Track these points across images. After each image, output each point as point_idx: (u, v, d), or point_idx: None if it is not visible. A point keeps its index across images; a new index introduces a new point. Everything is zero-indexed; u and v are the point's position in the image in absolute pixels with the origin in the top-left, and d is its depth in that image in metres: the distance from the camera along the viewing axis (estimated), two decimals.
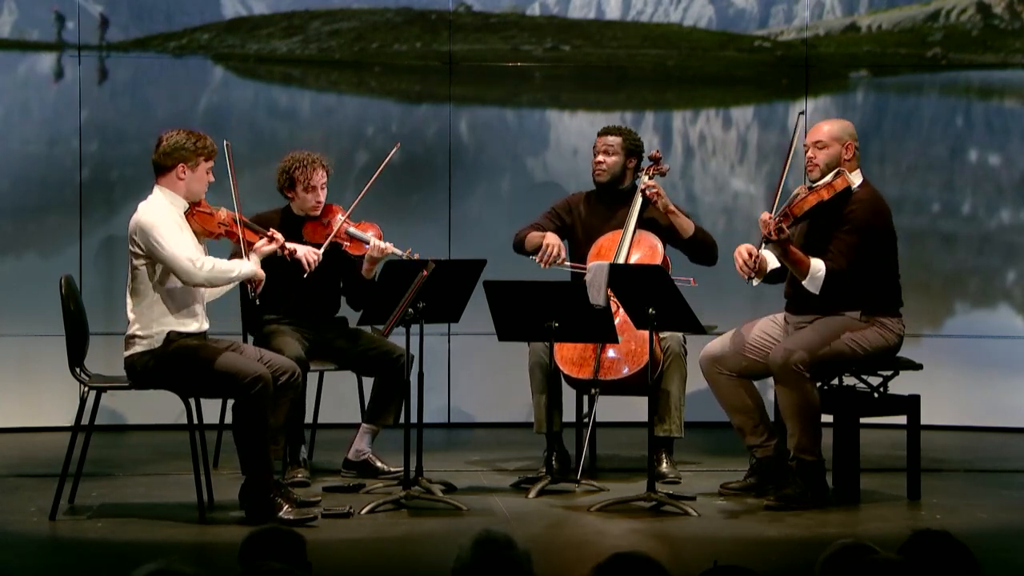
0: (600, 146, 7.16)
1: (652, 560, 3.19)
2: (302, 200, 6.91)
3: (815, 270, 6.26)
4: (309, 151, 6.99)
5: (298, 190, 6.90)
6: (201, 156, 6.08)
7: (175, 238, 5.98)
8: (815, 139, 6.50)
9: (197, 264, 5.98)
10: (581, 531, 5.98)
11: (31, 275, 8.28)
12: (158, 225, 5.97)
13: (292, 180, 6.90)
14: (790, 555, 5.53)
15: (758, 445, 6.54)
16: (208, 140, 6.13)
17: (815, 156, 6.47)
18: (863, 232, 6.33)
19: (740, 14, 8.95)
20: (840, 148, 6.45)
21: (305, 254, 6.60)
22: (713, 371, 6.58)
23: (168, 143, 6.09)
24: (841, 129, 6.51)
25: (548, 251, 6.97)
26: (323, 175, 6.91)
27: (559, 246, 6.99)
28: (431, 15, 8.77)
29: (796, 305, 6.49)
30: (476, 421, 8.58)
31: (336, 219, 6.88)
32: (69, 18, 8.45)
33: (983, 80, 8.89)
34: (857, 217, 6.34)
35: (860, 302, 6.35)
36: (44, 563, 5.62)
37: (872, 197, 6.43)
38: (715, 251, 7.11)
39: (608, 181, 7.13)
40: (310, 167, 6.88)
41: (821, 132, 6.51)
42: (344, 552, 5.60)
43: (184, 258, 5.95)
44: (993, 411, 8.54)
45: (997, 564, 5.22)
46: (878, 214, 6.40)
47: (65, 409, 7.68)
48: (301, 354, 6.66)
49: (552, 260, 6.97)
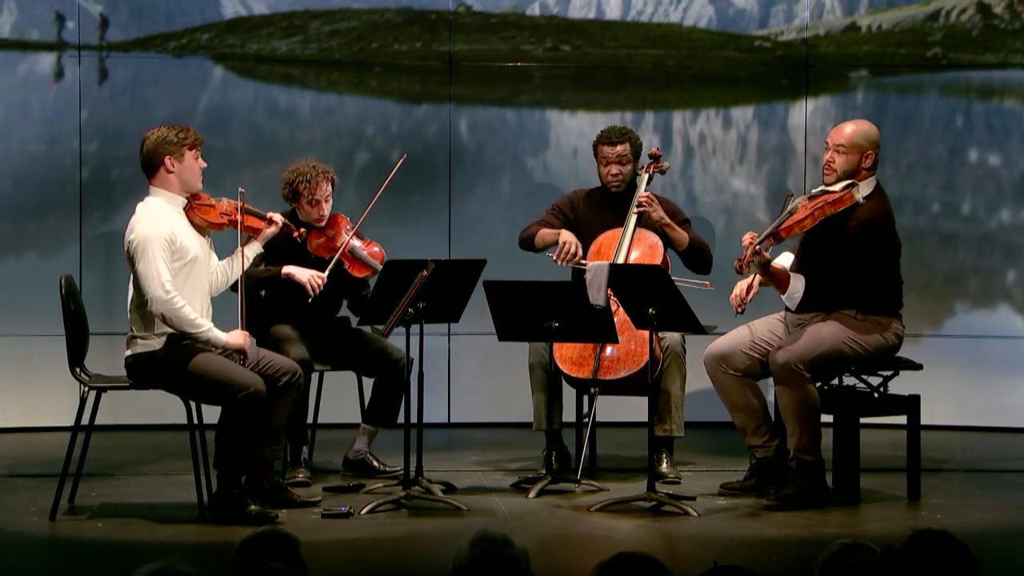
0: (612, 157, 7.10)
1: (655, 560, 3.19)
2: (306, 212, 6.88)
3: (793, 290, 6.30)
4: (315, 162, 6.92)
5: (302, 203, 6.87)
6: (184, 146, 6.07)
7: (156, 261, 5.91)
8: (837, 141, 6.36)
9: (170, 296, 5.90)
10: (581, 531, 5.98)
11: (31, 275, 8.29)
12: (149, 244, 5.91)
13: (296, 193, 6.86)
14: (790, 555, 5.53)
15: (759, 445, 6.53)
16: (191, 130, 6.12)
17: (833, 160, 6.35)
18: (861, 237, 6.29)
19: (740, 14, 8.95)
20: (859, 157, 6.34)
21: (310, 279, 6.62)
22: (717, 369, 6.55)
23: (151, 140, 6.08)
24: (864, 136, 6.37)
25: (566, 248, 6.94)
26: (327, 188, 6.87)
27: (576, 243, 6.96)
28: (431, 15, 8.77)
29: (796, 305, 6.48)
30: (476, 421, 8.57)
31: (341, 234, 6.85)
32: (69, 18, 8.45)
33: (983, 80, 8.89)
34: (854, 225, 6.29)
35: (857, 301, 6.34)
36: (44, 563, 5.62)
37: (874, 210, 6.34)
38: (710, 259, 7.10)
39: (624, 189, 7.12)
40: (314, 181, 6.83)
41: (843, 135, 6.37)
42: (344, 552, 5.60)
43: (157, 282, 5.89)
44: (993, 411, 8.54)
45: (997, 564, 5.22)
46: (876, 226, 6.33)
47: (65, 409, 7.68)
48: (306, 356, 6.66)
49: (571, 258, 6.94)
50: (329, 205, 6.89)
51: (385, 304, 6.28)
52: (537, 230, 7.11)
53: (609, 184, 7.13)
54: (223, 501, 5.98)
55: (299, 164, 6.92)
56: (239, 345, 6.05)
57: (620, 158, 7.10)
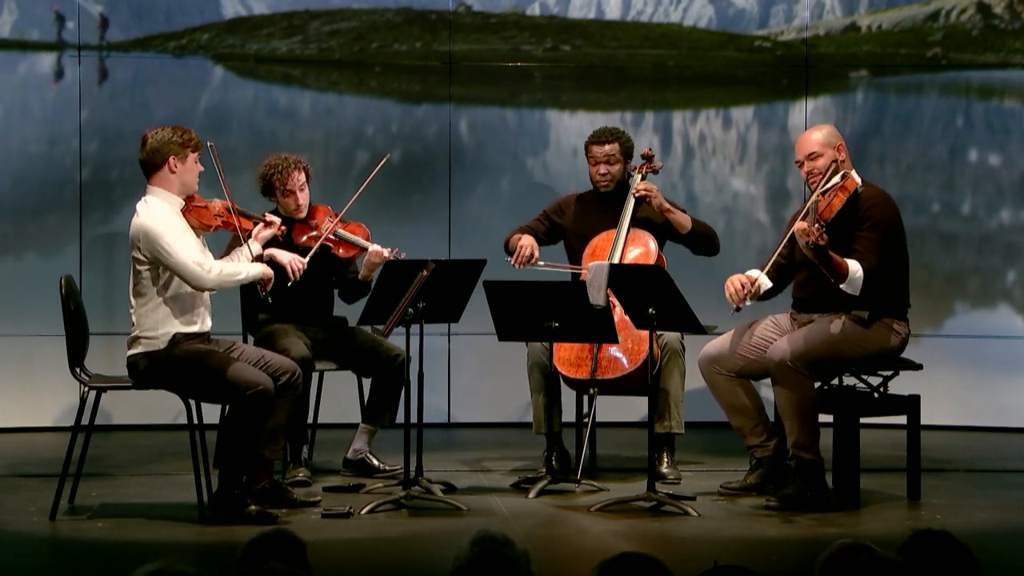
0: (600, 156, 7.12)
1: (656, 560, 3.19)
2: (284, 205, 6.92)
3: (853, 271, 6.19)
4: (287, 154, 6.98)
5: (277, 195, 6.91)
6: (188, 148, 6.11)
7: (181, 244, 5.99)
8: (807, 152, 6.43)
9: (206, 268, 6.00)
10: (581, 531, 5.98)
11: (31, 275, 8.29)
12: (164, 233, 5.97)
13: (270, 185, 6.91)
14: (790, 555, 5.53)
15: (758, 445, 6.54)
16: (193, 133, 6.17)
17: (813, 167, 6.41)
18: (885, 228, 6.31)
19: (740, 14, 8.95)
20: (833, 152, 6.40)
21: (290, 261, 6.61)
22: (711, 372, 6.57)
23: (155, 139, 6.10)
24: (827, 134, 6.46)
25: (520, 252, 7.00)
26: (300, 176, 6.90)
27: (531, 247, 7.02)
28: (431, 15, 8.77)
29: (804, 304, 6.48)
30: (476, 421, 8.57)
31: (324, 221, 6.88)
32: (69, 18, 8.45)
33: (983, 80, 8.89)
34: (876, 214, 6.31)
35: (870, 302, 6.32)
36: (44, 563, 5.62)
37: (883, 194, 6.43)
38: (716, 241, 7.13)
39: (614, 189, 7.13)
40: (285, 171, 6.87)
41: (811, 143, 6.44)
42: (344, 552, 5.60)
43: (193, 264, 5.97)
44: (993, 411, 8.54)
45: (997, 564, 5.22)
46: (894, 211, 6.41)
47: (65, 409, 7.69)
48: (307, 354, 6.67)
49: (525, 261, 6.98)
50: (305, 195, 6.91)
51: (385, 304, 6.28)
52: (511, 236, 7.16)
53: (598, 183, 7.14)
54: (224, 500, 5.98)
55: (271, 157, 6.98)
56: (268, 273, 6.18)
57: (608, 157, 7.11)
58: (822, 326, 6.34)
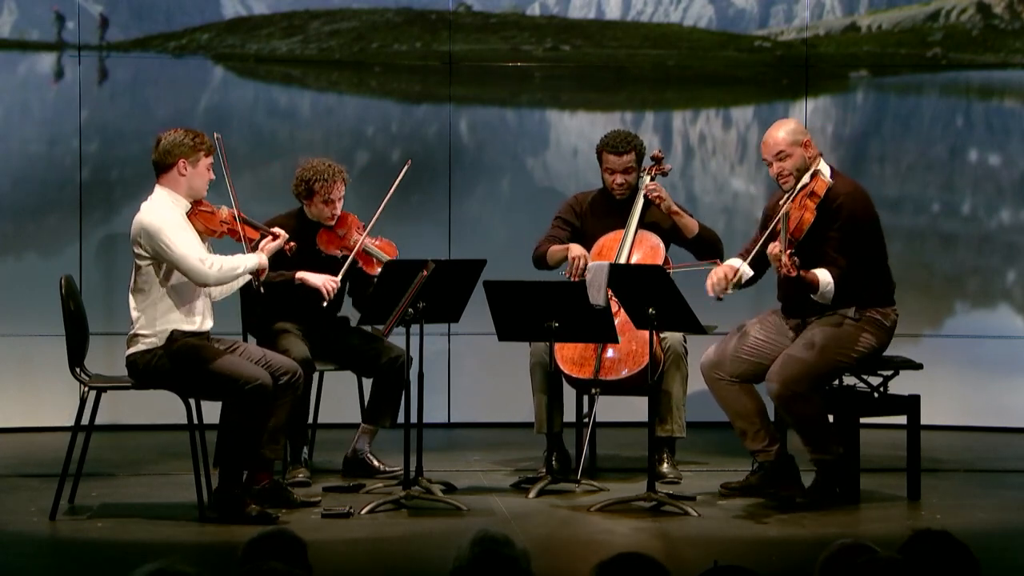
0: (618, 167, 7.06)
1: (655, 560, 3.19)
2: (318, 210, 6.89)
3: (824, 284, 6.21)
4: (331, 161, 6.94)
5: (315, 200, 6.88)
6: (201, 151, 6.11)
7: (182, 239, 5.99)
8: (774, 152, 6.40)
9: (207, 264, 6.00)
10: (581, 531, 5.98)
11: (31, 275, 8.29)
12: (164, 228, 5.97)
13: (311, 190, 6.88)
14: (790, 555, 5.53)
15: (760, 450, 6.50)
16: (206, 137, 6.16)
17: (783, 168, 6.39)
18: (854, 224, 6.31)
19: (740, 14, 8.95)
20: (801, 150, 6.38)
21: (324, 283, 6.63)
22: (713, 376, 6.53)
23: (168, 141, 6.10)
24: (792, 132, 6.42)
25: (575, 264, 6.91)
26: (342, 188, 6.90)
27: (586, 256, 6.94)
28: (431, 15, 8.77)
29: (790, 308, 6.48)
30: (476, 421, 8.57)
31: (353, 233, 6.86)
32: (69, 18, 8.45)
33: (983, 80, 8.89)
34: (845, 213, 6.30)
35: (854, 298, 6.32)
36: (44, 563, 5.62)
37: (851, 189, 6.39)
38: (720, 247, 7.11)
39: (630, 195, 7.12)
40: (330, 180, 6.85)
41: (778, 142, 6.40)
42: (344, 552, 5.60)
43: (194, 259, 5.97)
44: (993, 411, 8.54)
45: (997, 564, 5.22)
46: (863, 203, 6.38)
47: (65, 409, 7.68)
48: (307, 355, 6.67)
49: (582, 272, 6.83)
50: (341, 204, 6.91)
51: (385, 304, 6.28)
52: (547, 248, 7.08)
53: (614, 192, 7.12)
54: (224, 499, 5.98)
55: (315, 162, 6.92)
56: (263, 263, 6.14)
57: (626, 168, 7.08)
58: (811, 340, 6.31)
